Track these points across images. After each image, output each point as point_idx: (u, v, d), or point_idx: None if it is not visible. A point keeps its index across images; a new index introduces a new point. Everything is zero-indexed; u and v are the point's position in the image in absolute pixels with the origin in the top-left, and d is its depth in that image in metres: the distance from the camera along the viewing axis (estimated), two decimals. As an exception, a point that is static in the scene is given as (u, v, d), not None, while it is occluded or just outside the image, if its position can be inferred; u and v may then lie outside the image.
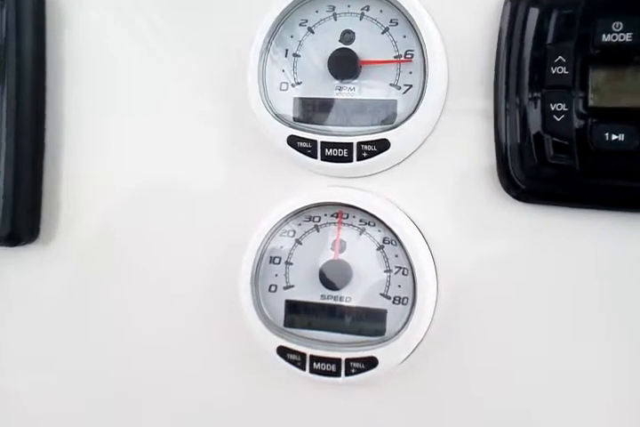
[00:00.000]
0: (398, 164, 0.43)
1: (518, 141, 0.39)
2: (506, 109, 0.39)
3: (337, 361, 0.42)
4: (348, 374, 0.42)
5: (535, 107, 0.38)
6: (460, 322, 0.42)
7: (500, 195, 0.40)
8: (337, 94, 0.43)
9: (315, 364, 0.42)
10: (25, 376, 0.53)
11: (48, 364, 0.53)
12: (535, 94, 0.38)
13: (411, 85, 0.42)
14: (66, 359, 0.52)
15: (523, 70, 0.39)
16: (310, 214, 0.45)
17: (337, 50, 0.43)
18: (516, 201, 0.40)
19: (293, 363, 0.43)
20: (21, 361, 0.53)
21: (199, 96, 0.48)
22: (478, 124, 0.41)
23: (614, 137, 0.36)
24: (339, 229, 0.44)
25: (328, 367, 0.42)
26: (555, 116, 0.38)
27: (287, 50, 0.45)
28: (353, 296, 0.43)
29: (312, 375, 0.43)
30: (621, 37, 0.36)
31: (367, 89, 0.43)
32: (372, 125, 0.42)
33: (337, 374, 0.42)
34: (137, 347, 0.50)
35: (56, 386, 0.52)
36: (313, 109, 0.44)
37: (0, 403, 0.54)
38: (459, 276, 0.42)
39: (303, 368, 0.43)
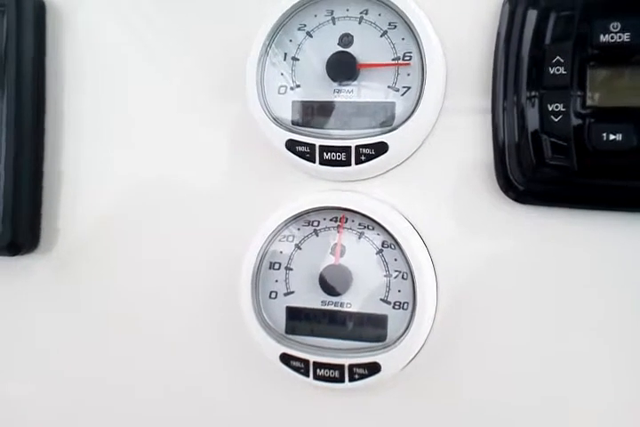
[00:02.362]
0: (397, 166, 0.43)
1: (516, 142, 0.39)
2: (503, 110, 0.39)
3: (340, 367, 0.42)
4: (351, 379, 0.42)
5: (533, 107, 0.38)
6: (461, 325, 0.42)
7: (499, 196, 0.40)
8: (335, 97, 0.43)
9: (318, 370, 0.42)
10: (27, 384, 0.53)
11: (49, 371, 0.52)
12: (533, 95, 0.38)
13: (409, 87, 0.42)
14: (66, 366, 0.52)
15: (520, 71, 0.38)
16: (309, 219, 0.44)
17: (335, 53, 0.43)
18: (515, 203, 0.40)
19: (297, 370, 0.43)
20: (22, 369, 0.53)
21: (198, 100, 0.48)
22: (476, 125, 0.41)
23: (612, 137, 0.36)
24: (340, 233, 0.44)
25: (332, 374, 0.42)
26: (552, 117, 0.38)
27: (286, 53, 0.44)
28: (353, 302, 0.43)
29: (316, 382, 0.42)
30: (619, 37, 0.36)
31: (365, 91, 0.43)
32: (371, 128, 0.42)
33: (341, 380, 0.42)
34: (137, 354, 0.50)
35: (56, 391, 0.52)
36: (312, 112, 0.44)
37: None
38: (458, 279, 0.42)
39: (307, 375, 0.43)
